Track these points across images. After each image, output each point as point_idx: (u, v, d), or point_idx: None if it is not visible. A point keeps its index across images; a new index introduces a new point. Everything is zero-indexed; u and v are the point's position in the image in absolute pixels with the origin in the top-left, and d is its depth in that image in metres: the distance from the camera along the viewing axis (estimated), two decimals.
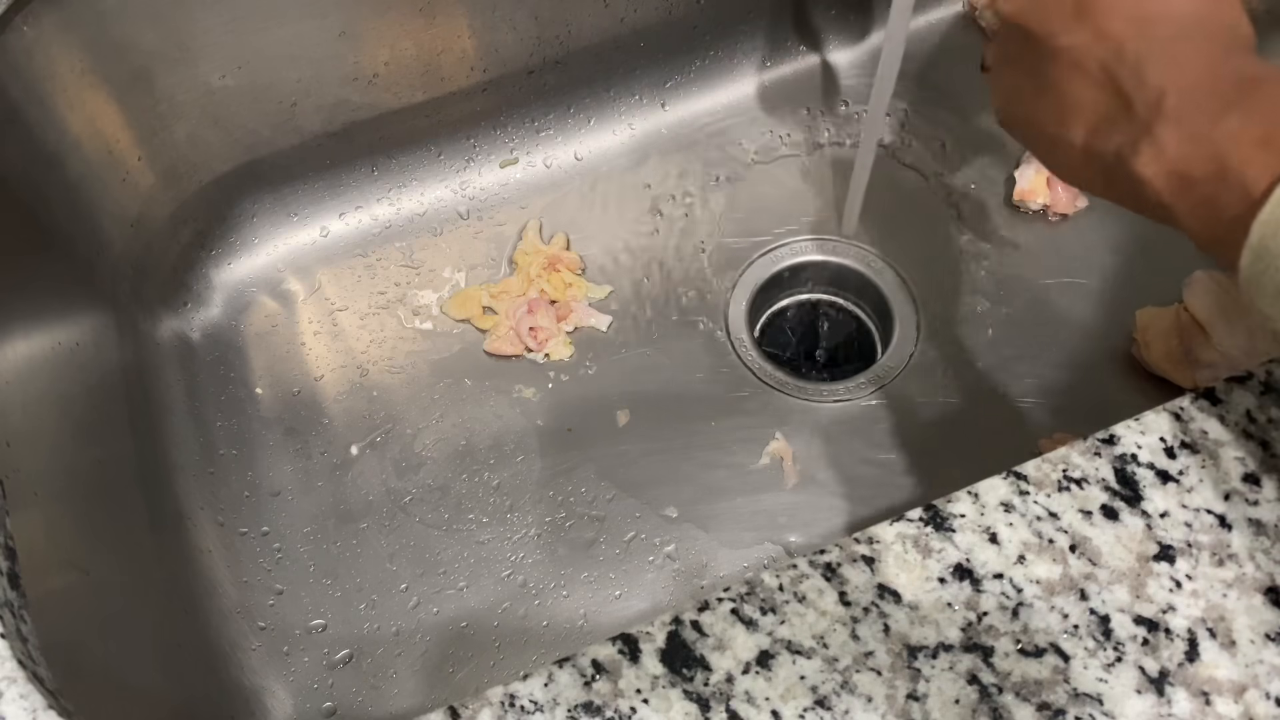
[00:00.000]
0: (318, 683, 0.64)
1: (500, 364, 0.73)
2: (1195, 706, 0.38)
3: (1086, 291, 0.72)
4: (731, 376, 0.71)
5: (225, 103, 0.70)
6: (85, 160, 0.67)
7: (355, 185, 0.77)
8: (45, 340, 0.61)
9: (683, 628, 0.40)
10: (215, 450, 0.70)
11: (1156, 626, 0.40)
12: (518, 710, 0.39)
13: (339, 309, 0.75)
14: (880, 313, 0.74)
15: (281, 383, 0.72)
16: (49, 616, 0.46)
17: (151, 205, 0.72)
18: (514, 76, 0.76)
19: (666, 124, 0.80)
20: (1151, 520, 0.42)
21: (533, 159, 0.79)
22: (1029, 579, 0.41)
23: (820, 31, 0.81)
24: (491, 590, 0.66)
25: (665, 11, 0.76)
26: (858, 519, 0.66)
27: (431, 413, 0.71)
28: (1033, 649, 0.40)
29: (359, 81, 0.72)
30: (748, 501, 0.67)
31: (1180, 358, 0.66)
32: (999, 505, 0.42)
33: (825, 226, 0.76)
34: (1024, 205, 0.75)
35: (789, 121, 0.80)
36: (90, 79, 0.65)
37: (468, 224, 0.78)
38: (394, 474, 0.69)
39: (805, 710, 0.39)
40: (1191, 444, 0.43)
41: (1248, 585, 0.40)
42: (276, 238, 0.76)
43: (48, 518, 0.53)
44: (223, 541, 0.67)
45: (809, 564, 0.41)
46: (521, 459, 0.69)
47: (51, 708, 0.40)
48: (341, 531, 0.67)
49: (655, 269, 0.75)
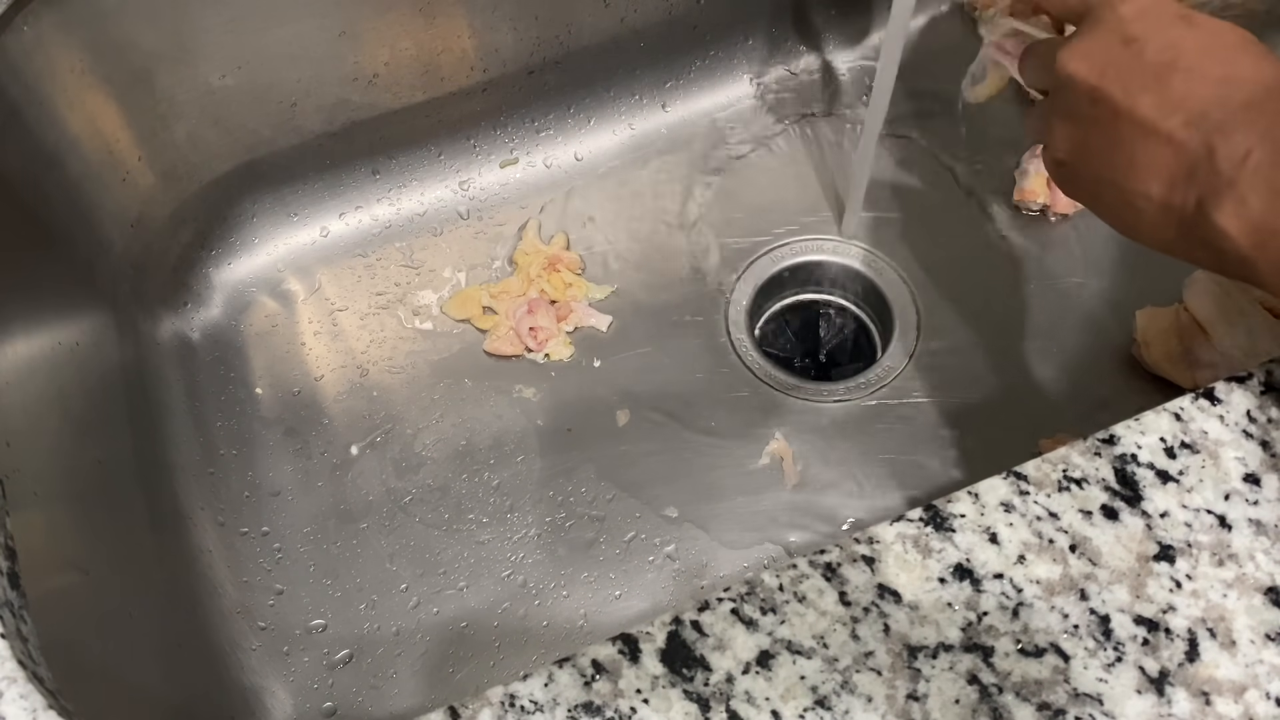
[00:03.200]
0: (318, 683, 0.64)
1: (500, 364, 0.73)
2: (1195, 706, 0.38)
3: (1086, 291, 0.72)
4: (731, 376, 0.71)
5: (225, 103, 0.70)
6: (85, 160, 0.67)
7: (355, 185, 0.77)
8: (45, 340, 0.61)
9: (683, 628, 0.40)
10: (215, 450, 0.70)
11: (1156, 626, 0.40)
12: (518, 710, 0.39)
13: (339, 309, 0.75)
14: (880, 313, 0.74)
15: (281, 383, 0.72)
16: (49, 616, 0.46)
17: (151, 205, 0.72)
18: (514, 76, 0.76)
19: (666, 124, 0.80)
20: (1151, 520, 0.42)
21: (533, 159, 0.79)
22: (1029, 579, 0.41)
23: (820, 31, 0.81)
24: (491, 590, 0.66)
25: (665, 11, 0.76)
26: (858, 519, 0.66)
27: (431, 413, 0.71)
28: (1033, 649, 0.40)
29: (359, 81, 0.72)
30: (748, 501, 0.67)
31: (1180, 358, 0.66)
32: (999, 505, 0.42)
33: (825, 226, 0.76)
34: (1024, 205, 0.75)
35: (789, 122, 0.80)
36: (90, 79, 0.65)
37: (468, 224, 0.78)
38: (394, 474, 0.69)
39: (805, 710, 0.39)
40: (1191, 444, 0.43)
41: (1248, 585, 0.40)
42: (276, 238, 0.76)
43: (48, 518, 0.53)
44: (223, 541, 0.67)
45: (809, 564, 0.41)
46: (521, 459, 0.69)
47: (51, 708, 0.40)
48: (341, 531, 0.67)
49: (655, 269, 0.75)
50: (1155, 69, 0.40)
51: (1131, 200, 0.42)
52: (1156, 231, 0.42)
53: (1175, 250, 0.42)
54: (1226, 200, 0.38)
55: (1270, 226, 0.37)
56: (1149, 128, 0.40)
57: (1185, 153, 0.40)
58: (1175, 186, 0.40)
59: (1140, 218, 0.42)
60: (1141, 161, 0.41)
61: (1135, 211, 0.42)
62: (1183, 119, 0.39)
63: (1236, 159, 0.38)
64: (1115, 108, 0.41)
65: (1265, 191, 0.37)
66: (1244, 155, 0.38)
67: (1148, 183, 0.41)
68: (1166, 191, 0.40)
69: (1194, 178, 0.39)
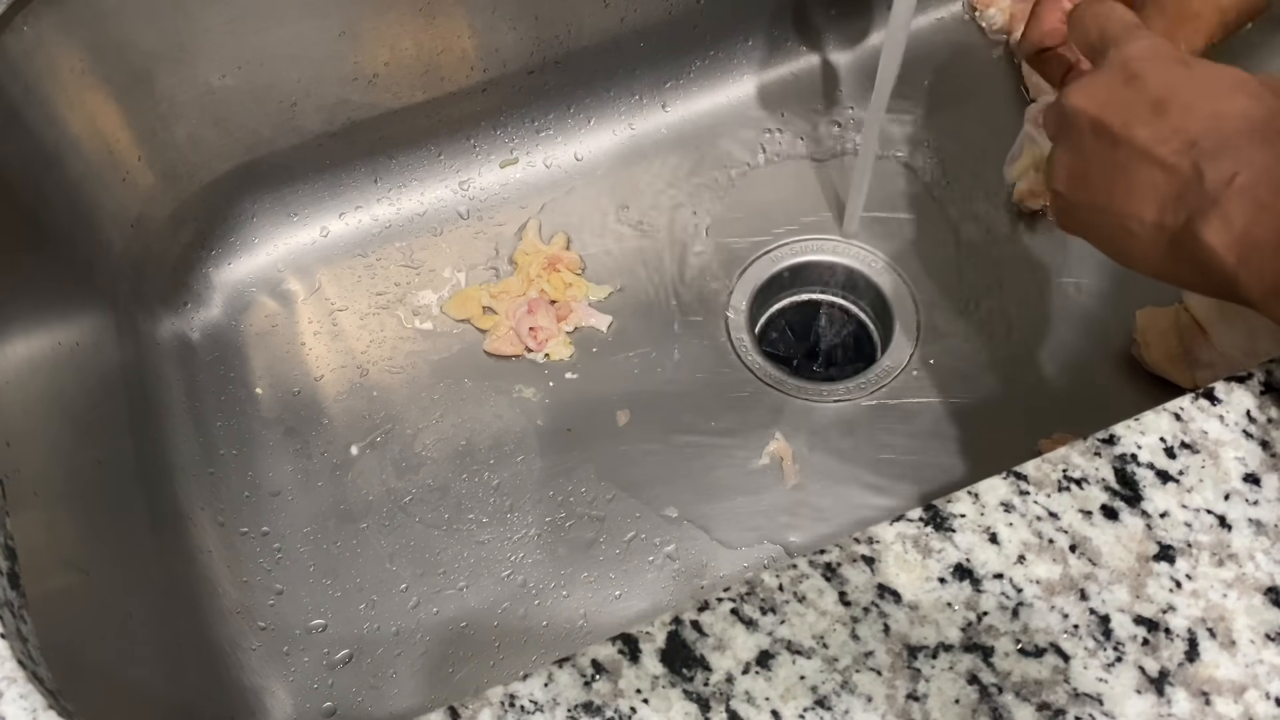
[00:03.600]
0: (318, 683, 0.64)
1: (500, 364, 0.73)
2: (1195, 706, 0.38)
3: (1086, 291, 0.72)
4: (731, 376, 0.71)
5: (225, 103, 0.70)
6: (85, 160, 0.67)
7: (355, 185, 0.77)
8: (45, 340, 0.61)
9: (683, 628, 0.40)
10: (215, 450, 0.70)
11: (1156, 626, 0.40)
12: (518, 710, 0.39)
13: (339, 309, 0.75)
14: (880, 313, 0.74)
15: (281, 383, 0.72)
16: (49, 616, 0.46)
17: (151, 205, 0.72)
18: (514, 76, 0.76)
19: (666, 124, 0.80)
20: (1151, 520, 0.42)
21: (533, 159, 0.79)
22: (1029, 579, 0.41)
23: (820, 32, 0.81)
24: (491, 590, 0.66)
25: (665, 11, 0.76)
26: (858, 519, 0.66)
27: (431, 413, 0.71)
28: (1033, 649, 0.40)
29: (359, 81, 0.72)
30: (748, 501, 0.67)
31: (1180, 358, 0.66)
32: (999, 505, 0.42)
33: (825, 226, 0.76)
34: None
35: (789, 122, 0.80)
36: (90, 79, 0.65)
37: (468, 224, 0.78)
38: (394, 474, 0.69)
39: (805, 710, 0.39)
40: (1191, 444, 0.43)
41: (1248, 585, 0.40)
42: (276, 238, 0.76)
43: (48, 518, 0.53)
44: (223, 541, 0.67)
45: (809, 564, 0.41)
46: (521, 459, 0.69)
47: (51, 708, 0.40)
48: (341, 531, 0.67)
49: (655, 269, 0.75)
50: (1153, 104, 0.43)
51: (1126, 224, 0.44)
52: (1148, 253, 0.44)
53: (1165, 271, 0.44)
54: (1213, 217, 0.41)
55: (1252, 239, 0.40)
56: (1144, 154, 0.43)
57: (1176, 176, 0.42)
58: (1166, 208, 0.43)
59: (1133, 241, 0.44)
60: (1136, 186, 0.43)
61: (1129, 235, 0.44)
62: (1174, 146, 0.42)
63: (1223, 180, 0.41)
64: (1114, 137, 0.44)
65: (1249, 208, 0.40)
66: (1230, 177, 0.40)
67: (1141, 206, 0.43)
68: (1158, 214, 0.43)
69: (1183, 199, 0.42)
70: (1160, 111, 0.43)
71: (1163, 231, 0.43)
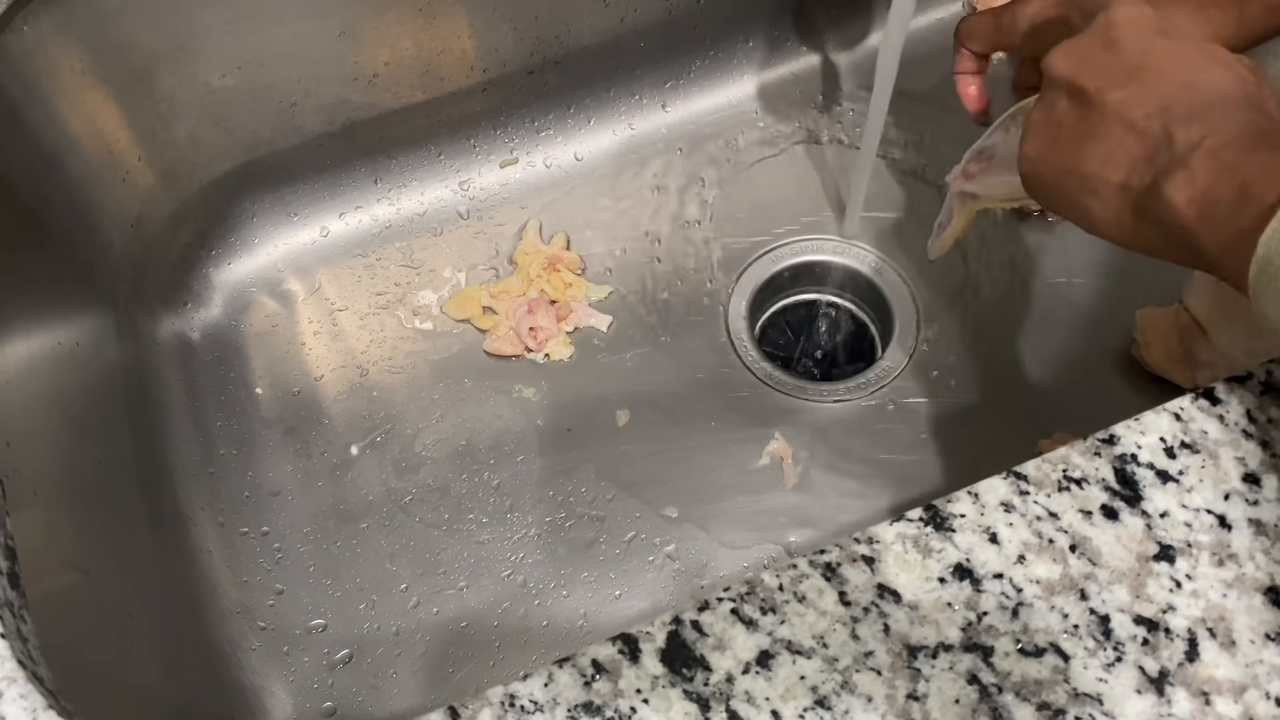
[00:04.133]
0: (318, 683, 0.64)
1: (500, 364, 0.73)
2: (1195, 706, 0.38)
3: (1086, 291, 0.72)
4: (731, 376, 0.71)
5: (225, 103, 0.70)
6: (85, 160, 0.67)
7: (355, 185, 0.77)
8: (45, 340, 0.61)
9: (683, 628, 0.40)
10: (215, 450, 0.70)
11: (1156, 626, 0.40)
12: (518, 710, 0.39)
13: (339, 309, 0.75)
14: (880, 313, 0.74)
15: (281, 383, 0.72)
16: (49, 616, 0.46)
17: (151, 205, 0.72)
18: (514, 76, 0.76)
19: (666, 124, 0.80)
20: (1151, 520, 0.42)
21: (533, 159, 0.79)
22: (1029, 579, 0.41)
23: (820, 31, 0.81)
24: (491, 590, 0.66)
25: (665, 11, 0.76)
26: (858, 519, 0.66)
27: (431, 413, 0.71)
28: (1033, 649, 0.40)
29: (359, 81, 0.72)
30: (748, 501, 0.67)
31: (1180, 358, 0.66)
32: (999, 505, 0.42)
33: (825, 226, 0.76)
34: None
35: (789, 122, 0.80)
36: (90, 79, 0.65)
37: (468, 224, 0.78)
38: (394, 474, 0.69)
39: (805, 710, 0.39)
40: (1191, 444, 0.43)
41: (1248, 585, 0.40)
42: (276, 238, 0.76)
43: (48, 518, 0.53)
44: (223, 541, 0.67)
45: (809, 564, 0.41)
46: (521, 459, 0.69)
47: (51, 708, 0.40)
48: (341, 531, 0.67)
49: (655, 269, 0.75)
50: (1129, 69, 0.44)
51: (1093, 186, 0.44)
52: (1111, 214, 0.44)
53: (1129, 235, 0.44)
54: (1178, 174, 0.41)
55: (1214, 196, 0.40)
56: (1116, 117, 0.43)
57: (1146, 139, 0.42)
58: (1134, 170, 0.43)
59: (1097, 201, 0.44)
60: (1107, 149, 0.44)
61: (1093, 196, 0.44)
62: (1146, 111, 0.43)
63: (1192, 143, 0.41)
64: (1089, 100, 0.44)
65: (1214, 167, 0.40)
66: (1199, 140, 0.41)
67: (1110, 169, 0.44)
68: (1126, 176, 0.43)
69: (1152, 161, 0.42)
70: (1135, 77, 0.43)
71: (1128, 193, 0.43)
